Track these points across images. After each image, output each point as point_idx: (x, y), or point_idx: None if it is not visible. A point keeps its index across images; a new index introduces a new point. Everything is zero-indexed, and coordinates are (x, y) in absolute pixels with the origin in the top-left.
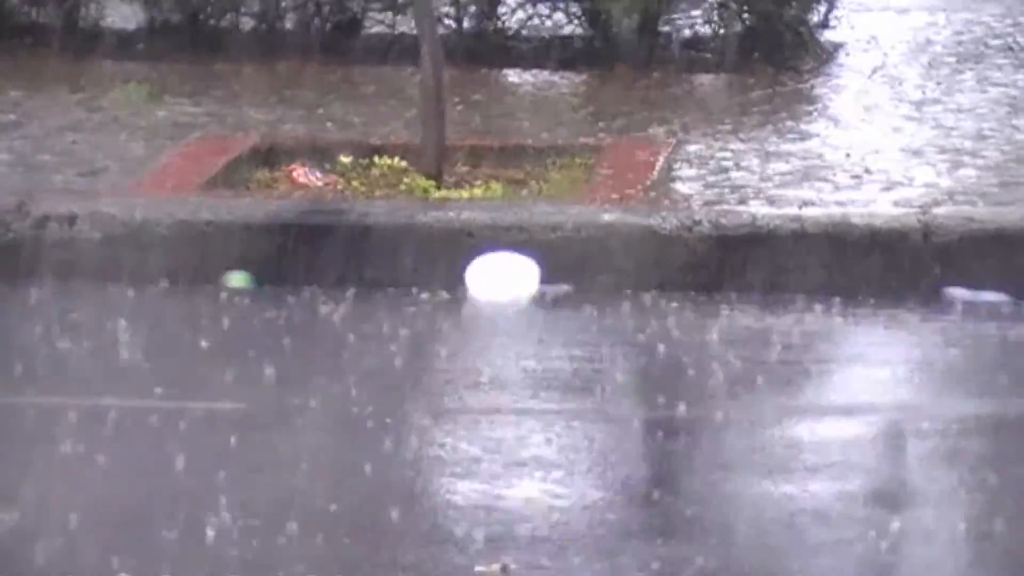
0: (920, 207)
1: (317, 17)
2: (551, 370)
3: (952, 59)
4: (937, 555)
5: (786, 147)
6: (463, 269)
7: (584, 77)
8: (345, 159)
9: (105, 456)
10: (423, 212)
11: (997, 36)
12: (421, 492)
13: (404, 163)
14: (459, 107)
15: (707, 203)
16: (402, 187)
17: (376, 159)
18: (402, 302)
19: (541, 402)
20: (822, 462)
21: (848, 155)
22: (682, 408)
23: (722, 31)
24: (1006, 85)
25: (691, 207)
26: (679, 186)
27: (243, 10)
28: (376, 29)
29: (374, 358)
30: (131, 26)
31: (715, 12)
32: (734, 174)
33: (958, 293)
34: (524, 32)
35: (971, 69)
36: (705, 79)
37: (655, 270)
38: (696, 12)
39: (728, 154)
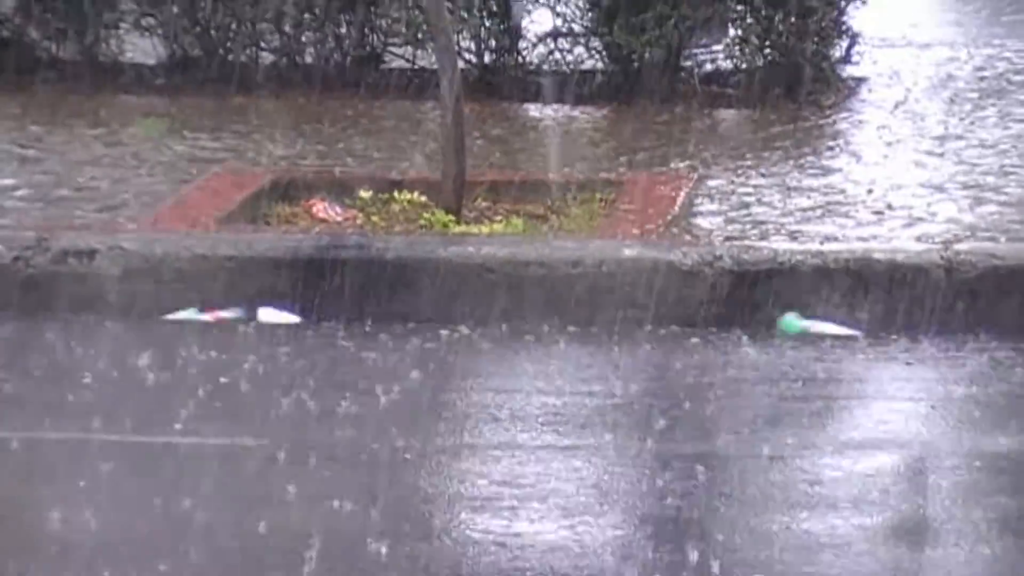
0: (942, 243)
1: (337, 51)
2: (571, 405)
3: (974, 95)
4: None
5: (808, 182)
6: (483, 304)
7: (605, 112)
8: (365, 194)
9: (125, 489)
10: (443, 247)
11: (1019, 72)
12: (443, 526)
13: (424, 198)
14: (479, 141)
15: (728, 238)
16: (422, 222)
17: (396, 194)
18: (422, 337)
19: (560, 437)
20: (844, 497)
21: (870, 190)
22: (703, 443)
23: (744, 66)
24: None
25: (712, 242)
26: (700, 221)
27: (263, 44)
28: (396, 63)
29: (394, 393)
30: (151, 60)
31: (737, 47)
32: (755, 209)
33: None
34: (545, 67)
35: (993, 105)
36: (726, 114)
37: (676, 305)
38: (718, 47)
39: (749, 189)
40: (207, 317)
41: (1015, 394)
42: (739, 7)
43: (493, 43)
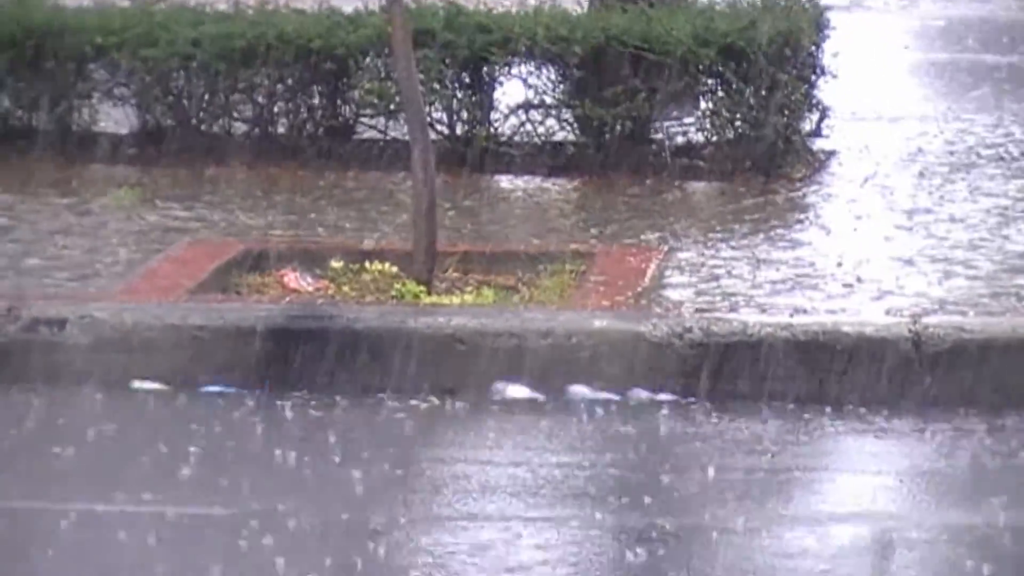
0: (911, 316)
1: (309, 122)
2: (540, 477)
3: (944, 168)
4: None
5: (777, 255)
6: (454, 375)
7: (576, 183)
8: (336, 264)
9: (91, 562)
10: (413, 318)
11: (988, 146)
12: None
13: (395, 268)
14: (451, 212)
15: (698, 310)
16: (393, 292)
17: (367, 264)
18: (392, 408)
19: (529, 509)
20: (811, 570)
21: (839, 263)
22: (672, 515)
23: (714, 139)
24: (997, 195)
25: (682, 314)
26: (670, 293)
27: (235, 115)
28: (368, 134)
29: (363, 463)
30: (123, 130)
31: (707, 120)
32: (725, 281)
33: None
34: (516, 138)
35: (963, 179)
36: (697, 186)
37: (646, 377)
38: (688, 120)
39: (719, 262)
40: None
41: (982, 468)
42: (709, 80)
43: (465, 114)
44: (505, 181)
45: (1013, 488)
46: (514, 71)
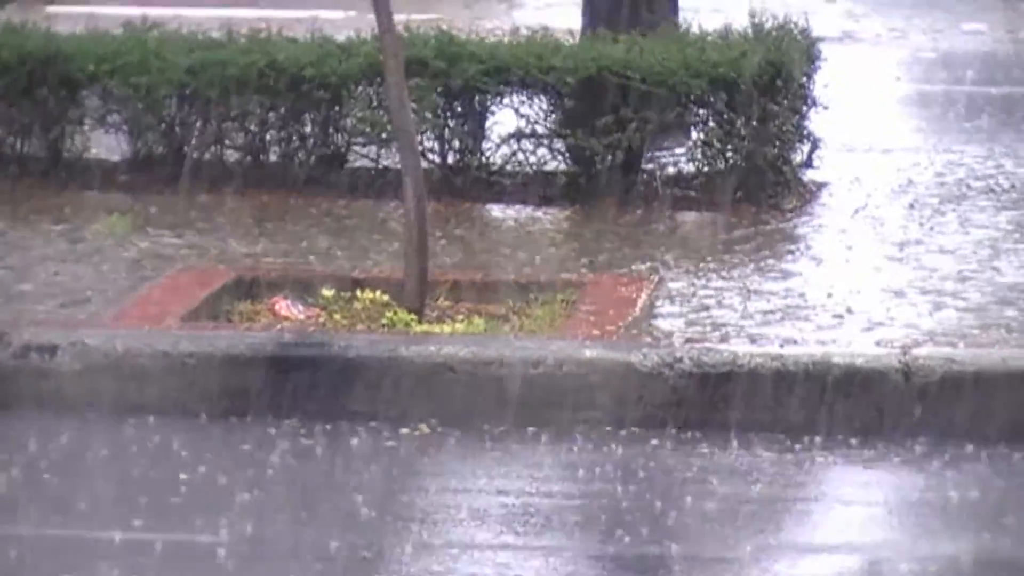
0: (901, 347)
1: (301, 150)
2: (530, 506)
3: (935, 200)
4: None
5: (768, 286)
6: (444, 403)
7: (567, 213)
8: (327, 292)
9: None
10: (405, 346)
11: (979, 178)
12: None
13: (386, 297)
14: (442, 241)
15: (688, 340)
16: (384, 321)
17: (358, 292)
18: (383, 436)
19: (519, 538)
20: None
21: (830, 294)
22: (661, 545)
23: (705, 169)
24: (988, 227)
25: (672, 344)
26: (661, 323)
27: (227, 143)
28: (360, 163)
29: (354, 491)
30: (115, 157)
31: (698, 150)
32: (716, 312)
33: None
34: (508, 167)
35: (953, 210)
36: (688, 217)
37: (636, 407)
38: (680, 150)
39: (710, 292)
40: None
41: (971, 499)
42: (701, 111)
43: (456, 143)
44: (496, 210)
45: (1002, 520)
46: (506, 100)
